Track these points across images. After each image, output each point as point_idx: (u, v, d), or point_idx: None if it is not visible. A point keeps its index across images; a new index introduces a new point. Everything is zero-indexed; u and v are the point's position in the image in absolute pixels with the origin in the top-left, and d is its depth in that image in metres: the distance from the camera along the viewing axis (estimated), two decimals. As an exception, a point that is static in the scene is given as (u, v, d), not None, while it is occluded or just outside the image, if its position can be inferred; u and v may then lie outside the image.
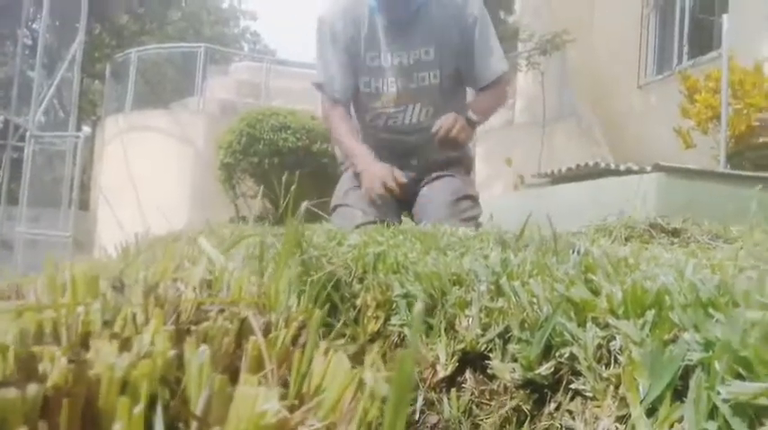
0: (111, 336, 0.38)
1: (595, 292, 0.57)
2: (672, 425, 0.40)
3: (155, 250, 1.06)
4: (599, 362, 0.50)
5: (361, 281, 1.03)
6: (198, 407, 0.27)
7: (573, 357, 0.52)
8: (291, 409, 0.32)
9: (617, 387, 0.47)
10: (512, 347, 0.60)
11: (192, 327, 0.42)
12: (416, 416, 0.66)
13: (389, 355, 0.85)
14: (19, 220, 8.58)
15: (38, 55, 8.68)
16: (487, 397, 0.62)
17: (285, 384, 0.39)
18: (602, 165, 3.24)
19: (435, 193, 2.16)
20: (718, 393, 0.36)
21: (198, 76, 9.05)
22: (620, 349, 0.48)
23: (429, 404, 0.68)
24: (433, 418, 0.65)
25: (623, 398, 0.44)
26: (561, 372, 0.54)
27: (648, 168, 2.94)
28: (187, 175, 8.31)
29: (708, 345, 0.40)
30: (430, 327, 0.81)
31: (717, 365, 0.37)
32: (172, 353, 0.32)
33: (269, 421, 0.23)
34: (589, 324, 0.51)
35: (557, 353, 0.54)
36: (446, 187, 2.16)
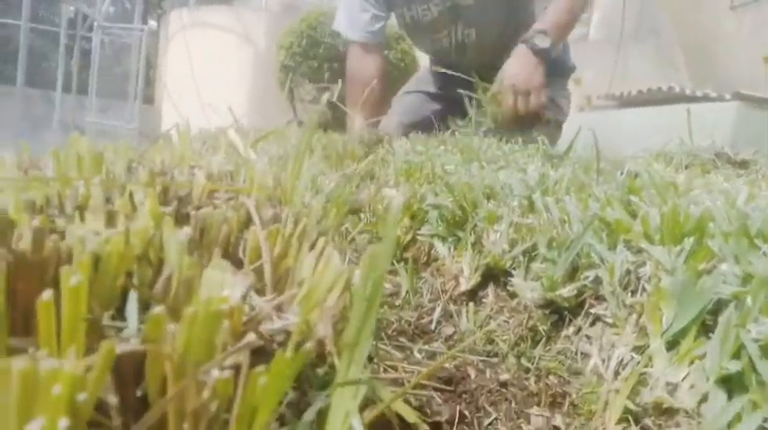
0: (103, 212, 0.37)
1: (633, 215, 0.53)
2: (692, 361, 0.36)
3: (193, 140, 1.06)
4: (625, 288, 0.46)
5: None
6: (156, 286, 0.26)
7: (598, 280, 0.49)
8: (271, 302, 0.30)
9: (640, 315, 0.43)
10: (536, 266, 0.57)
11: (193, 212, 0.41)
12: (433, 326, 0.65)
13: (416, 265, 0.84)
14: (89, 110, 8.90)
15: (105, -57, 8.62)
16: (506, 314, 0.60)
17: (280, 280, 0.37)
18: (677, 89, 3.00)
19: None
20: (748, 331, 0.32)
21: (262, -29, 8.80)
22: (649, 277, 0.44)
23: (447, 316, 0.67)
24: (448, 330, 0.63)
25: (644, 328, 0.41)
26: (584, 296, 0.51)
27: (728, 96, 2.71)
28: (248, 75, 8.31)
29: (746, 279, 0.35)
30: (458, 240, 0.78)
31: (750, 301, 0.33)
32: (152, 232, 0.30)
33: (221, 307, 0.21)
34: (620, 247, 0.47)
35: (581, 276, 0.51)
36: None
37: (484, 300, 0.65)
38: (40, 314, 0.20)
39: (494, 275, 0.66)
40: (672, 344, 0.39)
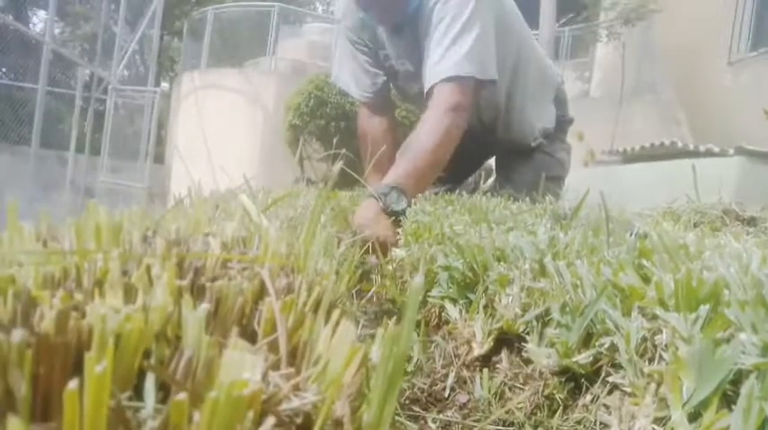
0: (121, 286, 0.38)
1: (646, 280, 0.53)
2: (715, 434, 0.36)
3: (206, 204, 1.08)
4: (641, 356, 0.45)
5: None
6: (175, 367, 0.26)
7: (614, 348, 0.48)
8: (288, 378, 0.30)
9: (659, 384, 0.42)
10: (550, 331, 0.56)
11: (208, 284, 0.41)
12: (446, 393, 0.64)
13: (427, 328, 0.83)
14: (101, 170, 9.06)
15: (121, 10, 9.00)
16: (521, 381, 0.59)
17: (294, 352, 0.37)
18: (680, 144, 3.04)
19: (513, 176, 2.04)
20: (772, 405, 0.32)
21: (270, 36, 9.14)
22: (665, 345, 0.43)
23: (461, 382, 0.66)
24: (462, 397, 0.62)
25: (664, 399, 0.40)
26: (600, 363, 0.50)
27: (731, 151, 2.74)
28: (257, 135, 8.49)
29: (765, 349, 0.35)
30: (470, 302, 0.78)
31: (773, 374, 0.33)
32: (170, 308, 0.31)
33: (243, 393, 0.21)
34: (635, 313, 0.47)
35: (596, 343, 0.51)
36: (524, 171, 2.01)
37: (498, 365, 0.64)
38: (66, 403, 0.20)
39: (507, 340, 0.66)
40: (693, 416, 0.38)
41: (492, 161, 2.35)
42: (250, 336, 0.41)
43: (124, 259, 0.42)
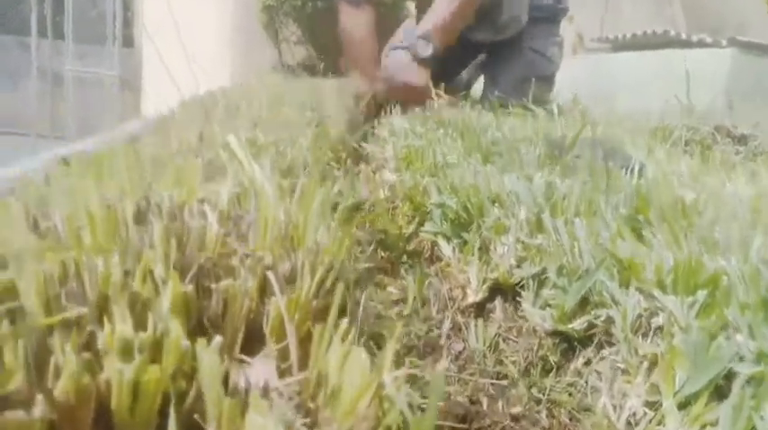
0: (129, 298, 0.38)
1: (645, 242, 0.54)
2: (704, 426, 0.38)
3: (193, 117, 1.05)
4: (636, 332, 0.47)
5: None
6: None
7: (609, 319, 0.50)
8: (307, 413, 0.31)
9: (652, 364, 0.44)
10: (546, 292, 0.58)
11: (213, 286, 0.41)
12: (442, 341, 0.66)
13: (420, 267, 0.84)
14: (67, 56, 8.61)
15: None
16: (515, 334, 0.62)
17: (306, 359, 0.38)
18: (672, 33, 2.94)
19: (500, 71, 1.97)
20: (762, 418, 0.34)
21: None
22: (661, 326, 0.45)
23: (456, 329, 0.68)
24: (458, 346, 0.65)
25: (656, 384, 0.42)
26: (594, 330, 0.52)
27: (724, 42, 2.67)
28: (227, 17, 8.01)
29: (761, 357, 0.36)
30: (464, 242, 0.79)
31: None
32: (185, 344, 0.31)
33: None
34: (632, 289, 0.48)
35: (593, 311, 0.52)
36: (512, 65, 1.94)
37: (492, 315, 0.67)
38: None
39: (502, 290, 0.67)
40: (684, 405, 0.40)
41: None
42: (258, 339, 0.42)
43: (123, 260, 0.41)
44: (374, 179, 1.12)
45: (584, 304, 0.54)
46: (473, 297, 0.69)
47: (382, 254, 0.92)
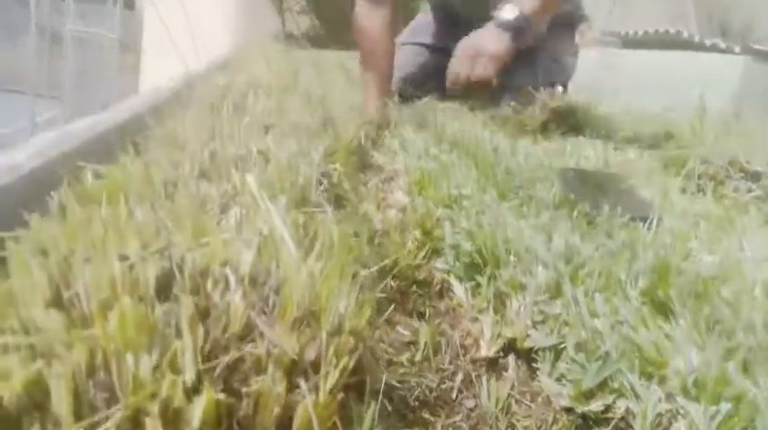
0: (160, 407, 0.38)
1: (667, 317, 0.54)
2: None
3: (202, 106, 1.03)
4: (656, 428, 0.48)
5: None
6: None
7: (628, 411, 0.50)
8: None
9: (671, 469, 0.45)
10: (563, 366, 0.58)
11: (244, 389, 0.41)
12: (454, 395, 0.67)
13: (431, 303, 0.84)
14: (67, 15, 8.45)
15: None
16: (528, 398, 0.62)
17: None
18: (685, 35, 2.91)
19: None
20: None
21: None
22: (682, 432, 0.45)
23: (467, 381, 0.69)
24: (470, 402, 0.65)
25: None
26: (612, 413, 0.53)
27: (737, 48, 2.64)
28: (233, -19, 7.85)
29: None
30: (477, 285, 0.79)
31: None
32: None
33: None
34: (654, 386, 0.48)
35: (611, 396, 0.53)
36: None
37: (504, 373, 0.67)
38: None
39: (515, 348, 0.68)
40: None
41: None
42: None
43: (151, 352, 0.41)
44: (384, 201, 1.11)
45: (602, 385, 0.54)
46: (486, 351, 0.70)
47: (392, 284, 0.92)
